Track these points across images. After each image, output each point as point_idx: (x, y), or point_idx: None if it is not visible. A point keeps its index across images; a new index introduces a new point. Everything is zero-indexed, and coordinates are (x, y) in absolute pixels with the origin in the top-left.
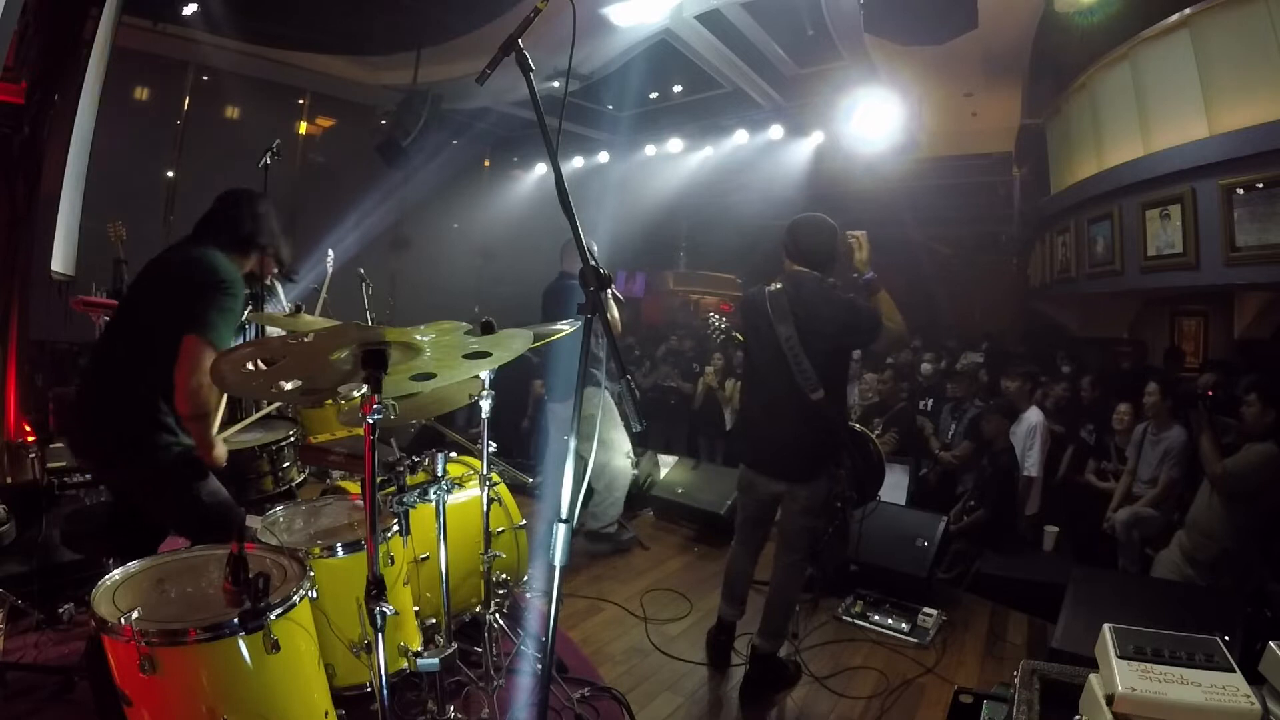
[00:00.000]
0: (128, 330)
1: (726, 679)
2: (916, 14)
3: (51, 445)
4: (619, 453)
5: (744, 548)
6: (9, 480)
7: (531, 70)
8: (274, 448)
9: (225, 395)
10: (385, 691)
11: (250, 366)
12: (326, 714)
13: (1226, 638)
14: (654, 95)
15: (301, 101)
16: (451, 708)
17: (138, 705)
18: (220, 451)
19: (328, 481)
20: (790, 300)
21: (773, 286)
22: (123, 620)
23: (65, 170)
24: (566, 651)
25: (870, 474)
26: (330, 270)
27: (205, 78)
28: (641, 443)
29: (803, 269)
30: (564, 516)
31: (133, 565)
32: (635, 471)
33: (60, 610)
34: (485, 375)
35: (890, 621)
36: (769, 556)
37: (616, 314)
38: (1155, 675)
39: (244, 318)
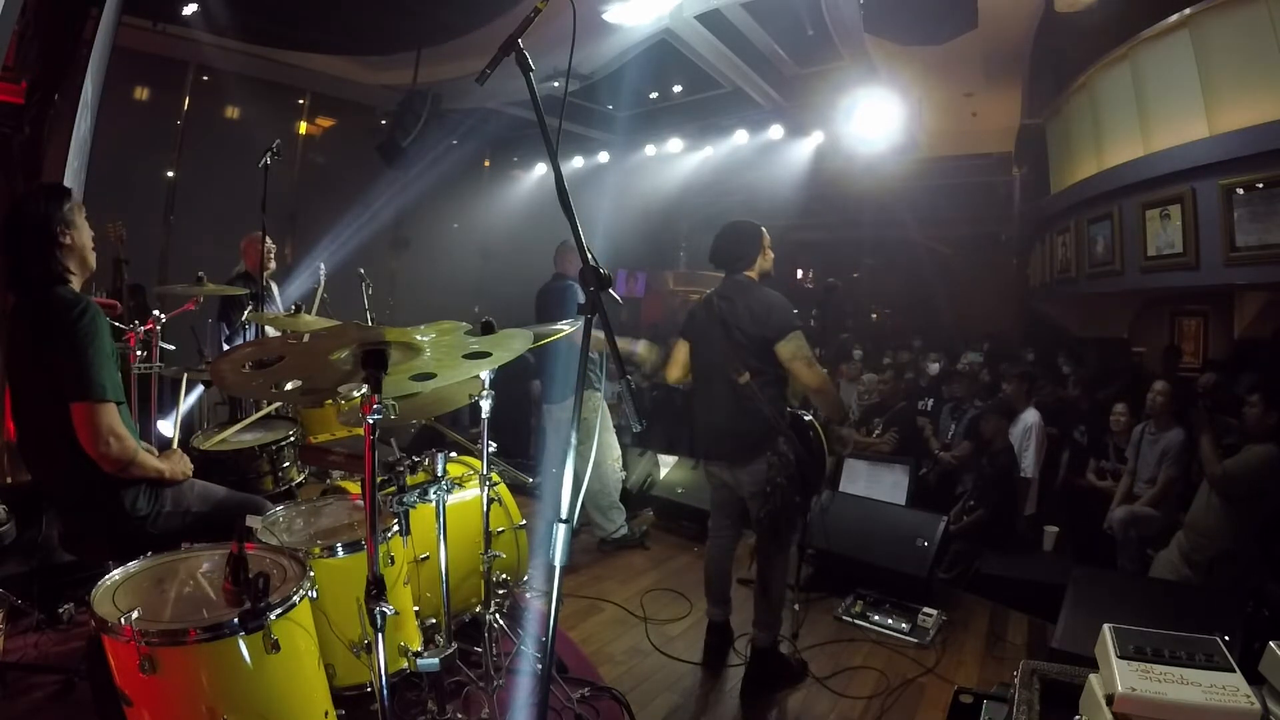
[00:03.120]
0: (36, 398)
1: (726, 679)
2: (916, 14)
3: None
4: (609, 455)
5: (715, 541)
6: (9, 480)
7: (531, 70)
8: (274, 448)
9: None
10: (385, 691)
11: (250, 367)
12: (326, 714)
13: (1226, 638)
14: (654, 95)
15: (301, 101)
16: (451, 708)
17: (138, 705)
18: (174, 467)
19: (328, 481)
20: (719, 297)
21: (710, 291)
22: (123, 620)
23: (65, 170)
24: (566, 651)
25: (811, 461)
26: (323, 280)
27: (205, 78)
28: (642, 443)
29: (734, 273)
30: (564, 516)
31: (133, 565)
32: (624, 474)
33: (60, 610)
34: (485, 375)
35: (890, 621)
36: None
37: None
38: (1155, 675)
39: (244, 318)
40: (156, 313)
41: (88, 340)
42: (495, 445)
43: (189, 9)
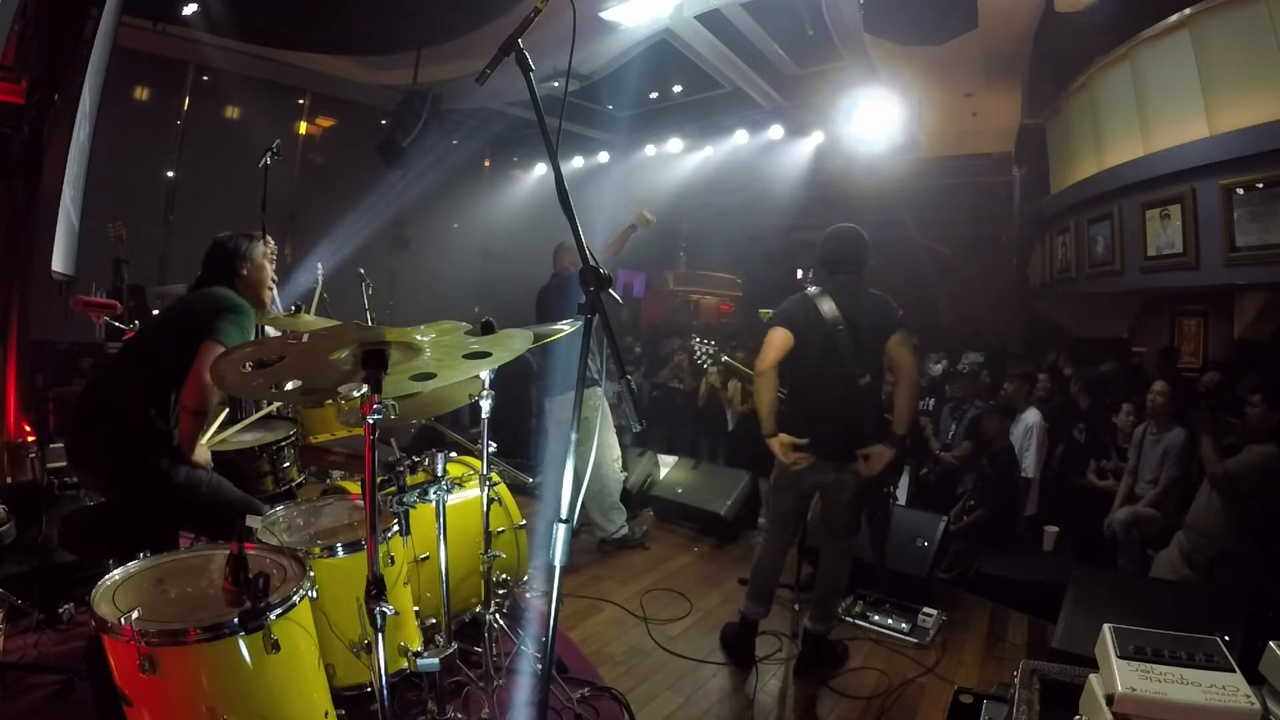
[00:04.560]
0: (142, 358)
1: (728, 678)
2: (916, 14)
3: (51, 445)
4: (609, 455)
5: (775, 546)
6: (9, 480)
7: (531, 70)
8: (274, 448)
9: (220, 410)
10: (385, 691)
11: (250, 367)
12: (326, 714)
13: (1226, 638)
14: (654, 95)
15: (301, 101)
16: (451, 708)
17: (138, 705)
18: (200, 455)
19: (328, 481)
20: (835, 296)
21: (812, 290)
22: (123, 620)
23: (65, 170)
24: (566, 651)
25: (899, 456)
26: (320, 280)
27: (205, 78)
28: (642, 443)
29: (841, 275)
30: (564, 516)
31: (133, 565)
32: (624, 474)
33: (60, 610)
34: (485, 375)
35: (890, 621)
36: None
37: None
38: (1155, 675)
39: None
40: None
41: (234, 318)
42: (495, 445)
43: (189, 9)
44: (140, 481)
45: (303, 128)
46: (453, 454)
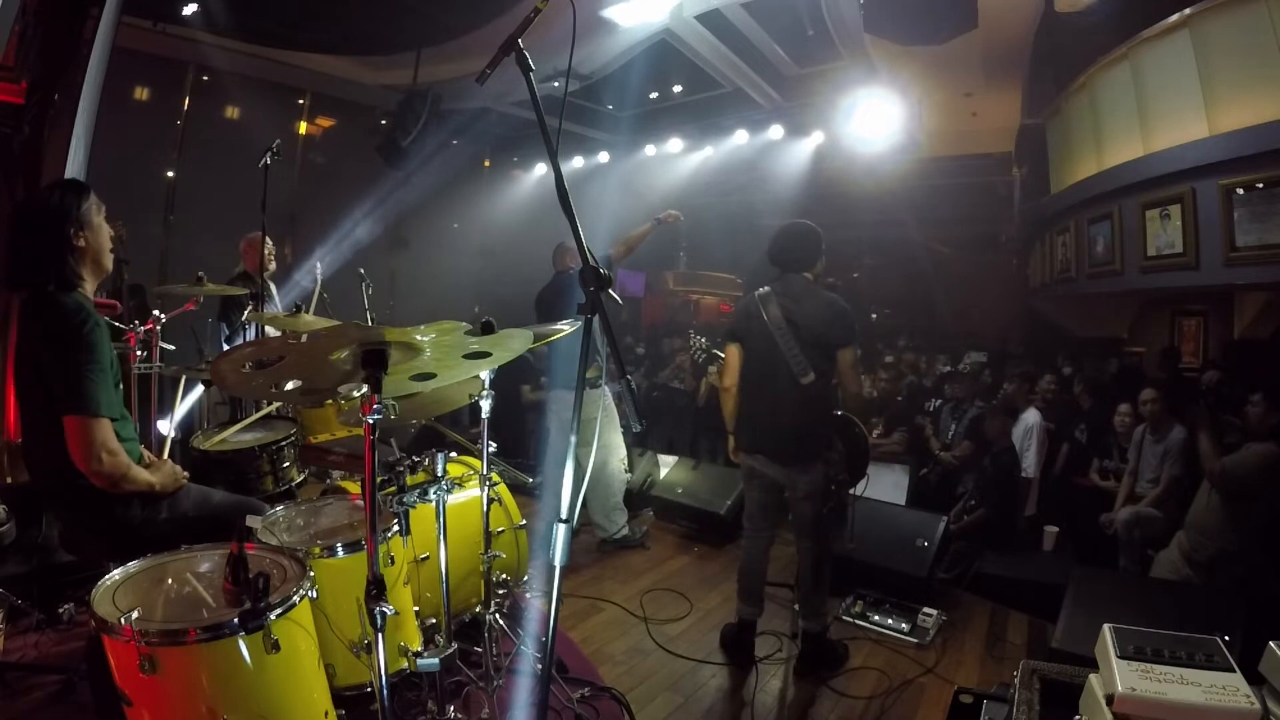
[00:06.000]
0: (35, 403)
1: (728, 678)
2: (916, 14)
3: None
4: (615, 455)
5: (754, 543)
6: (9, 480)
7: (531, 70)
8: (274, 448)
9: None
10: (385, 691)
11: (250, 367)
12: (326, 714)
13: (1226, 638)
14: (654, 95)
15: (301, 101)
16: (451, 708)
17: (138, 705)
18: (165, 480)
19: (328, 481)
20: (779, 296)
21: (762, 290)
22: (123, 620)
23: (65, 170)
24: (566, 651)
25: (859, 454)
26: (319, 279)
27: (205, 78)
28: (643, 443)
29: (791, 273)
30: (564, 516)
31: (133, 565)
32: (629, 475)
33: (60, 610)
34: (485, 375)
35: (890, 621)
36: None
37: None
38: (1155, 675)
39: (244, 318)
40: (156, 313)
41: (85, 354)
42: (495, 445)
43: (189, 9)
44: (128, 538)
45: (303, 128)
46: (453, 454)
